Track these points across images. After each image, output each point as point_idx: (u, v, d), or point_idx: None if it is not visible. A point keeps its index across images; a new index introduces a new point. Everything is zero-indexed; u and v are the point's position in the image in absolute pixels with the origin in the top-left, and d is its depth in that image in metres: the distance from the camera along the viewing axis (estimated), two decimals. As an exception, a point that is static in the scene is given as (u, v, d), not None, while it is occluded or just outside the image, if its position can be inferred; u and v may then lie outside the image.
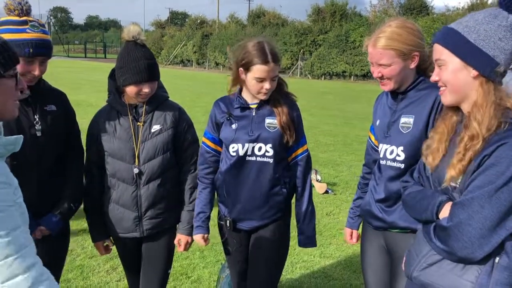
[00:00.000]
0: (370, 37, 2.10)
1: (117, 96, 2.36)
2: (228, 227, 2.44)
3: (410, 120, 2.07)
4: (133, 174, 2.32)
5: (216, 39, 41.03)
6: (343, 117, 13.26)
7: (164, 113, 2.38)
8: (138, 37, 2.25)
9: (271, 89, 2.27)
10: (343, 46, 32.43)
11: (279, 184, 2.37)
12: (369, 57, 2.11)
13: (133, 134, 2.33)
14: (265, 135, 2.30)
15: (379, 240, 2.28)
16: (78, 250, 4.13)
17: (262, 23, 40.72)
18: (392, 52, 2.01)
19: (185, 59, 44.89)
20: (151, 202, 2.37)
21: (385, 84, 2.11)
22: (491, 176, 1.39)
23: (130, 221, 2.39)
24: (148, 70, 2.24)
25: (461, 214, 1.42)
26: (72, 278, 3.67)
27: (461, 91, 1.55)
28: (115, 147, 2.33)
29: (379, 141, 2.23)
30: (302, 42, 35.26)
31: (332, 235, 4.85)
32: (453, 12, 30.91)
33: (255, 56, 2.20)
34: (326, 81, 31.04)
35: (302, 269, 4.00)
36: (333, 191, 6.29)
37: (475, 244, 1.39)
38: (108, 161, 2.37)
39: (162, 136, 2.35)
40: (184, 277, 3.76)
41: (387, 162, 2.15)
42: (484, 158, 1.42)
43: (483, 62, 1.48)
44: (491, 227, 1.37)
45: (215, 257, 4.11)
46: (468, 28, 1.51)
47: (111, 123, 2.35)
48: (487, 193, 1.38)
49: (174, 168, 2.45)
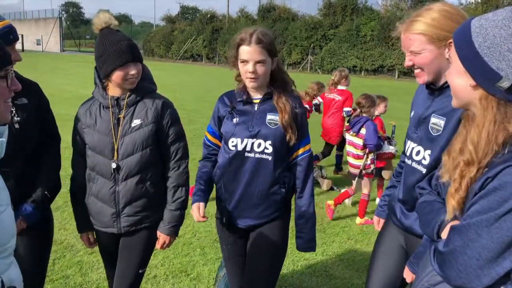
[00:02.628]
0: (402, 22, 1.94)
1: (101, 89, 2.29)
2: (225, 223, 2.40)
3: (441, 123, 1.89)
4: (111, 169, 2.25)
5: (226, 33, 40.93)
6: (352, 113, 13.12)
7: (146, 107, 2.27)
8: (110, 23, 2.18)
9: (258, 74, 2.19)
10: (353, 41, 32.17)
11: (278, 183, 2.31)
12: (402, 44, 1.95)
13: (113, 128, 2.25)
14: (265, 132, 2.25)
15: (399, 238, 2.18)
16: (78, 246, 4.11)
17: (273, 17, 40.52)
18: (422, 37, 1.84)
19: (195, 54, 44.87)
20: (129, 199, 2.28)
21: (419, 75, 1.94)
22: (492, 202, 1.20)
23: (108, 217, 2.32)
24: (130, 50, 2.16)
25: (457, 241, 1.25)
26: (71, 274, 3.65)
27: (461, 97, 1.36)
28: (94, 140, 2.26)
29: (408, 137, 2.09)
30: (313, 37, 35.03)
31: (335, 233, 4.78)
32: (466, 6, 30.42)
33: (241, 37, 2.20)
34: (336, 76, 30.78)
35: (303, 268, 3.95)
36: (338, 188, 6.22)
37: (471, 274, 1.22)
38: (88, 154, 2.31)
39: (141, 132, 2.24)
40: (183, 274, 3.72)
41: (412, 163, 2.03)
42: (487, 180, 1.23)
43: (482, 73, 1.25)
44: (491, 258, 1.19)
45: (215, 255, 4.07)
46: (480, 28, 1.26)
47: (93, 115, 2.29)
48: (485, 220, 1.20)
49: (156, 165, 2.34)
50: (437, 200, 1.56)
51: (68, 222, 4.59)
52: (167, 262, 3.90)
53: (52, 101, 2.45)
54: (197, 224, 4.78)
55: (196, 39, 44.23)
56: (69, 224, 4.55)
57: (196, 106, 12.66)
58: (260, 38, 2.16)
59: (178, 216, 2.40)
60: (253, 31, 2.20)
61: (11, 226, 1.39)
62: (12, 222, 1.40)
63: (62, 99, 12.45)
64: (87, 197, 2.38)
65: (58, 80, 18.59)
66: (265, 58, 2.18)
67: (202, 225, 4.79)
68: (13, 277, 1.40)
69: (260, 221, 2.36)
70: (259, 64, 2.18)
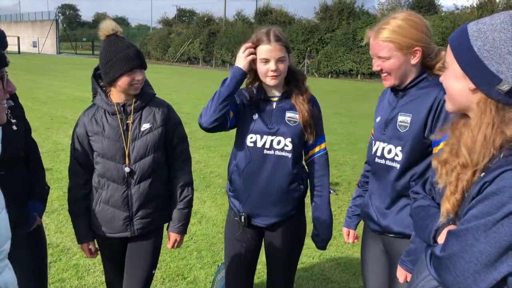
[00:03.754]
0: (372, 28, 2.03)
1: (103, 95, 2.32)
2: (243, 223, 2.38)
3: (407, 119, 1.99)
4: (123, 173, 2.29)
5: (223, 36, 40.96)
6: (349, 116, 13.15)
7: (153, 111, 2.35)
8: (117, 30, 2.25)
9: (280, 71, 2.23)
10: (350, 45, 32.23)
11: (297, 180, 2.33)
12: (370, 49, 2.05)
13: (123, 134, 2.29)
14: (284, 129, 2.28)
15: (378, 244, 2.22)
16: (74, 249, 4.09)
17: (269, 21, 40.53)
18: (391, 44, 1.94)
19: (191, 57, 44.85)
20: (143, 201, 2.34)
21: (386, 79, 2.05)
22: (490, 206, 1.19)
23: (121, 221, 2.35)
24: (138, 57, 2.23)
25: (454, 246, 1.25)
26: (66, 277, 3.63)
27: (458, 101, 1.36)
28: (104, 147, 2.30)
29: (376, 139, 2.16)
30: (309, 40, 35.11)
31: (332, 236, 4.75)
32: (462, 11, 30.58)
33: (258, 38, 2.22)
34: (332, 80, 30.86)
35: (300, 271, 3.93)
36: (335, 191, 6.21)
37: (469, 279, 1.21)
38: (97, 160, 2.33)
39: (152, 135, 2.32)
40: (180, 278, 3.71)
41: (386, 162, 2.08)
42: (485, 185, 1.23)
43: (482, 76, 1.26)
44: (488, 263, 1.19)
45: (212, 258, 4.06)
46: (478, 32, 1.27)
47: (99, 123, 2.32)
48: (483, 225, 1.20)
49: (164, 167, 2.43)
50: (432, 205, 1.56)
51: (64, 225, 4.56)
52: (164, 266, 3.88)
53: (49, 103, 2.45)
54: (193, 228, 4.77)
55: (193, 42, 44.24)
56: (64, 227, 4.53)
57: (192, 109, 12.68)
58: (278, 36, 2.21)
59: (187, 214, 2.47)
60: (268, 30, 2.24)
61: (6, 229, 1.39)
62: (7, 225, 1.40)
63: (58, 101, 12.42)
64: (95, 205, 2.38)
65: (55, 83, 18.55)
66: (284, 55, 2.23)
67: (198, 228, 4.78)
68: (8, 280, 1.39)
69: (279, 218, 2.36)
70: (280, 62, 2.22)
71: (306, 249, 4.36)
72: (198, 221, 4.99)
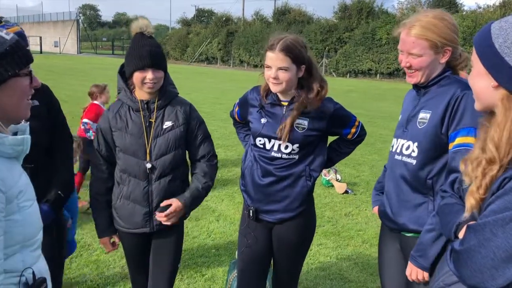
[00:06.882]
0: (405, 23, 2.01)
1: (128, 92, 2.37)
2: (252, 217, 2.44)
3: (427, 116, 1.98)
4: (145, 169, 2.33)
5: (241, 36, 41.09)
6: (367, 116, 13.05)
7: (175, 109, 2.39)
8: (145, 29, 2.30)
9: (280, 80, 2.23)
10: (369, 44, 32.02)
11: (304, 176, 2.37)
12: (400, 45, 2.02)
13: (145, 130, 2.34)
14: (292, 136, 2.30)
15: (395, 244, 2.21)
16: (95, 245, 4.16)
17: (288, 20, 40.53)
18: (425, 42, 1.93)
19: (210, 57, 45.10)
20: (162, 197, 2.37)
21: (412, 75, 2.02)
22: (509, 201, 1.20)
23: (141, 217, 2.39)
24: (150, 56, 2.24)
25: (472, 240, 1.26)
26: (87, 273, 3.70)
27: (483, 99, 1.38)
28: (127, 143, 2.34)
29: (396, 136, 2.16)
30: (328, 40, 35.00)
31: (350, 236, 4.75)
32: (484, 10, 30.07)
33: (269, 42, 2.25)
34: (351, 79, 30.69)
35: (317, 270, 3.94)
36: (353, 191, 6.19)
37: (486, 274, 1.21)
38: (119, 156, 2.38)
39: (174, 133, 2.36)
40: (198, 275, 3.74)
41: (402, 158, 2.07)
42: (505, 180, 1.25)
43: (504, 73, 1.27)
44: (506, 258, 1.18)
45: (230, 256, 4.08)
46: (500, 29, 1.29)
47: (123, 118, 2.36)
48: (501, 220, 1.20)
49: (184, 164, 2.47)
50: (458, 202, 1.57)
51: (85, 222, 4.64)
52: (182, 263, 3.92)
53: (69, 101, 2.50)
54: (211, 225, 4.81)
55: (211, 42, 44.44)
56: (85, 223, 4.61)
57: (210, 109, 12.74)
58: (284, 46, 2.19)
59: (199, 197, 2.44)
60: (281, 38, 2.22)
61: (38, 219, 1.44)
62: (39, 216, 1.44)
63: (78, 99, 12.60)
64: (116, 201, 2.42)
65: (75, 82, 18.83)
66: (288, 66, 2.20)
67: (216, 226, 4.81)
68: (42, 269, 1.44)
69: (288, 214, 2.39)
70: (282, 71, 2.21)
71: (323, 248, 4.39)
72: (216, 219, 5.03)
